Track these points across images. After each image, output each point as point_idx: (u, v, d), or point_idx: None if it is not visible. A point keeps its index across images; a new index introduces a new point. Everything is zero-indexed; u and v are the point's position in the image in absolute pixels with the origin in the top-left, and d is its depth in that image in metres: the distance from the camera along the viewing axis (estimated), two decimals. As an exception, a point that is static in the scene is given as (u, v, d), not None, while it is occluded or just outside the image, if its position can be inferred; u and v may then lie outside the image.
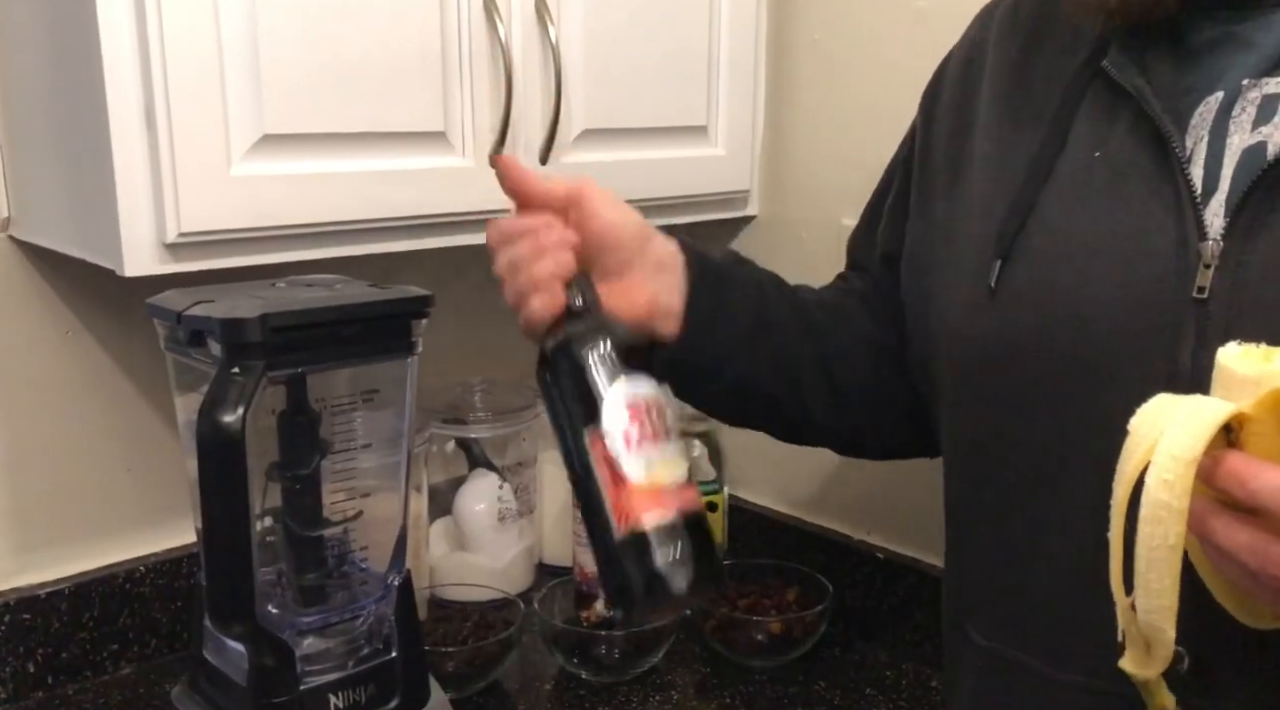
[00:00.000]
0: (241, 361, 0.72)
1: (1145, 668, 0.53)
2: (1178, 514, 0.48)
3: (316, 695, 0.80)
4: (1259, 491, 0.47)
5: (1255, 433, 0.48)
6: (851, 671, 1.16)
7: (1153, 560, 0.49)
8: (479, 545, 1.27)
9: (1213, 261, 0.59)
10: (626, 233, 0.74)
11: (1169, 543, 0.48)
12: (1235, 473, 0.48)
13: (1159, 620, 0.50)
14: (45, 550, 1.10)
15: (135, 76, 0.83)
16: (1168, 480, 0.47)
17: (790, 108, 1.28)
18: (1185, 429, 0.48)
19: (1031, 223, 0.67)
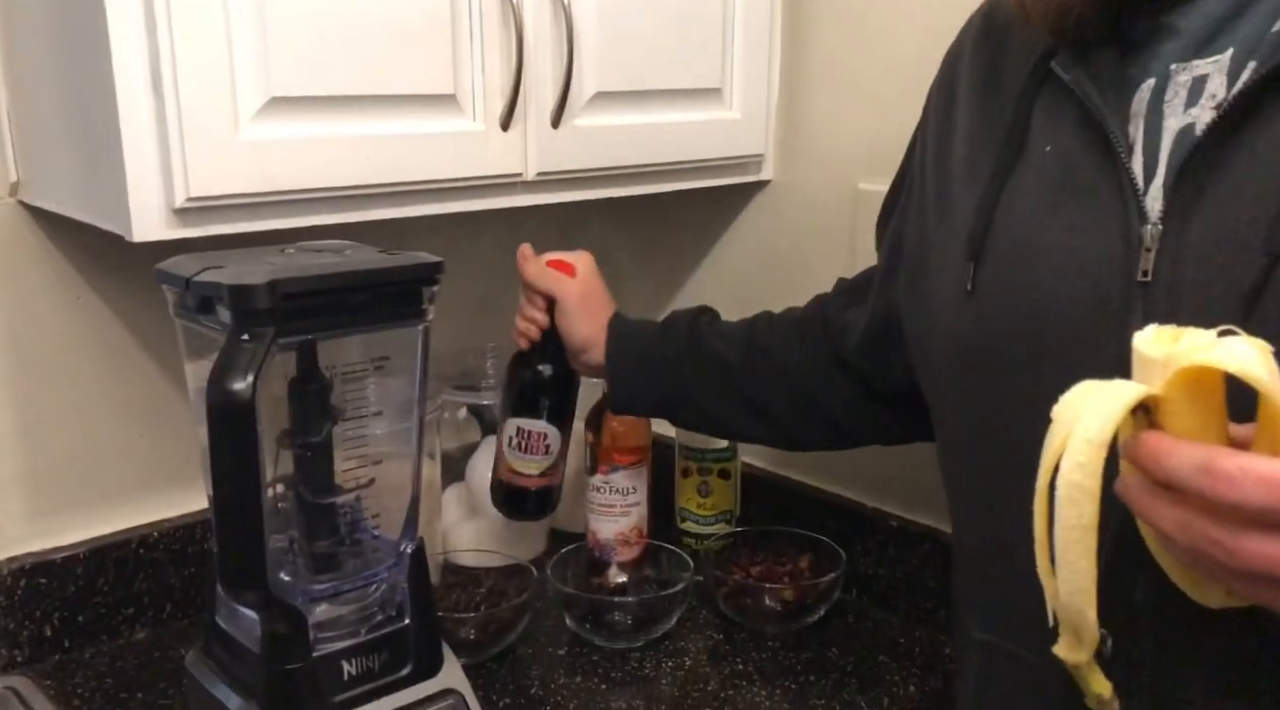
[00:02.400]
0: (251, 328, 0.72)
1: (1076, 652, 0.54)
2: (1090, 495, 0.49)
3: (329, 662, 0.80)
4: (1173, 469, 0.48)
5: (1170, 412, 0.49)
6: (865, 638, 1.16)
7: (1069, 541, 0.50)
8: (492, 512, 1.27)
9: (1153, 245, 0.60)
10: (571, 341, 1.05)
11: (1083, 523, 0.49)
12: (1151, 452, 0.49)
13: (1079, 601, 0.51)
14: (60, 515, 1.10)
15: (141, 40, 0.82)
16: (1080, 463, 0.48)
17: (806, 70, 1.26)
18: (1097, 413, 0.49)
19: (996, 222, 0.70)
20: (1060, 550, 0.51)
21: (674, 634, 1.16)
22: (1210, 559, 0.49)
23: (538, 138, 1.05)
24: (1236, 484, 0.46)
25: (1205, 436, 0.49)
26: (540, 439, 1.10)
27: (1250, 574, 0.48)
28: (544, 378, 1.10)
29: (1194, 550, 0.49)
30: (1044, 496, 0.51)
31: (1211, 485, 0.46)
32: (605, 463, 1.21)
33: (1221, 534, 0.47)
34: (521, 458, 1.12)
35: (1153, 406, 0.49)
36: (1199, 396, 0.49)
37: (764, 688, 1.07)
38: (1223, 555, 0.48)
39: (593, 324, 1.03)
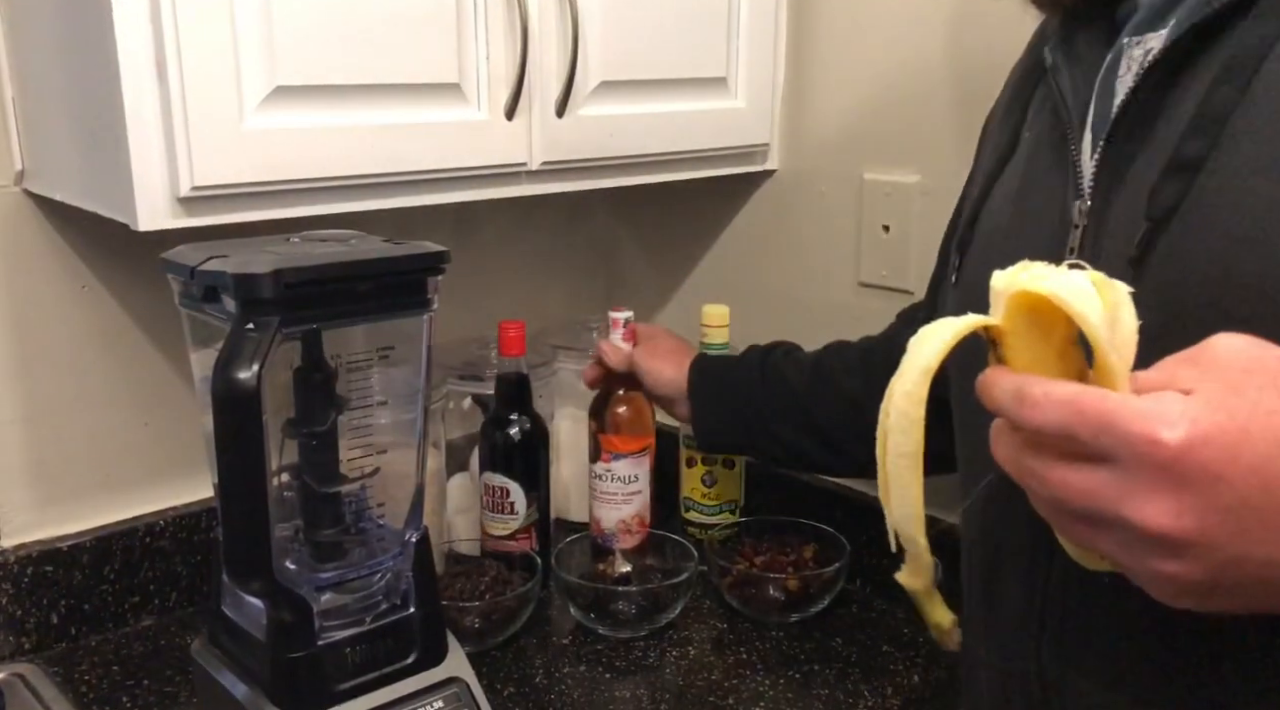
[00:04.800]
0: (256, 317, 0.72)
1: (914, 579, 0.55)
2: (914, 422, 0.49)
3: (334, 650, 0.80)
4: (996, 398, 0.47)
5: (1011, 346, 0.48)
6: (869, 628, 1.16)
7: (899, 468, 0.50)
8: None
9: (1081, 221, 0.60)
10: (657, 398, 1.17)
11: (909, 449, 0.50)
12: (983, 384, 0.48)
13: (910, 527, 0.52)
14: (66, 503, 1.11)
15: (146, 28, 0.82)
16: (908, 390, 0.49)
17: (812, 59, 1.26)
18: (930, 342, 0.49)
19: (983, 214, 0.70)
20: (892, 477, 0.51)
21: (678, 623, 1.16)
22: (1035, 496, 0.48)
23: (542, 127, 1.05)
24: (1039, 407, 0.45)
25: (1046, 372, 0.47)
26: (504, 496, 1.20)
27: (1062, 507, 0.46)
28: (513, 438, 1.19)
29: (1021, 483, 0.48)
30: (884, 422, 0.51)
31: (1019, 409, 0.46)
32: (607, 450, 1.21)
33: (1037, 463, 0.46)
34: (491, 518, 1.22)
35: (999, 341, 0.49)
36: (1037, 329, 0.47)
37: (768, 677, 1.07)
38: (1039, 487, 0.47)
39: (675, 367, 1.11)
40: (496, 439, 1.19)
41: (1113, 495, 0.44)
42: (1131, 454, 0.43)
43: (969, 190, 0.83)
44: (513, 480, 1.18)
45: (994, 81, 1.08)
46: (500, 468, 1.19)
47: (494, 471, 1.19)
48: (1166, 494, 0.42)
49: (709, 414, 1.09)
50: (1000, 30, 1.08)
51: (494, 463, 1.19)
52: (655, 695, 1.03)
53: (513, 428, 1.18)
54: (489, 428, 1.20)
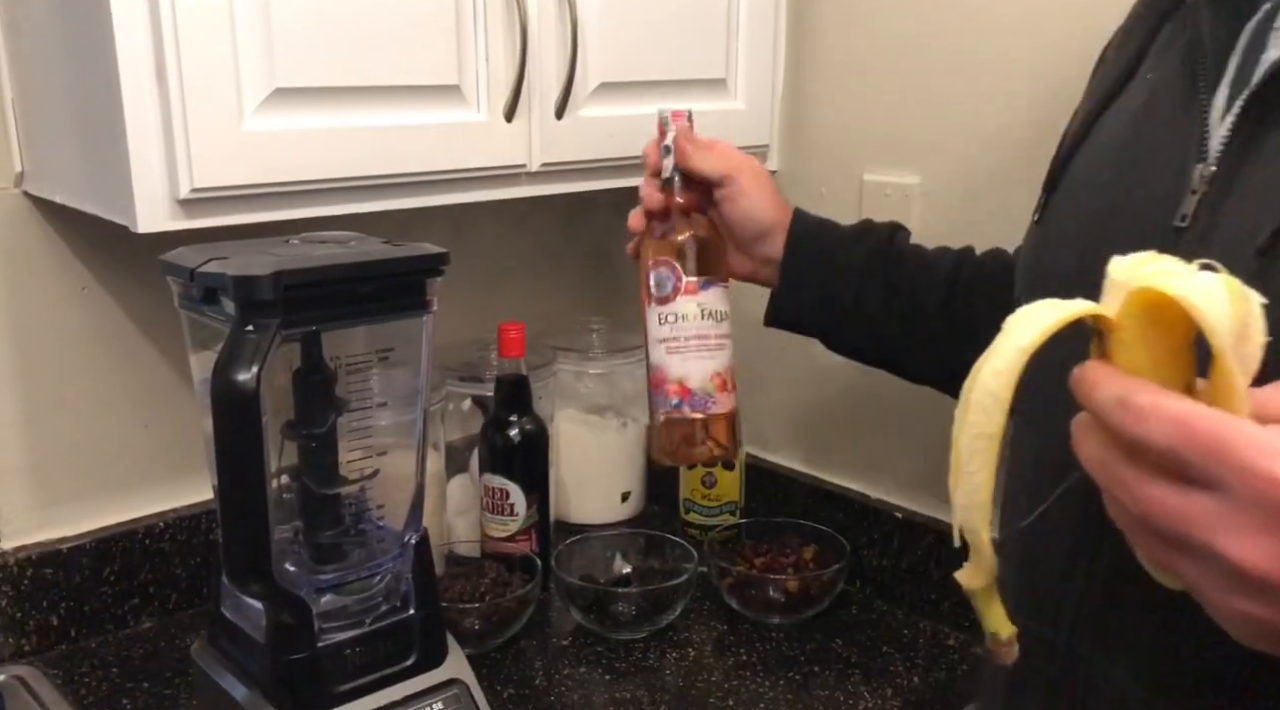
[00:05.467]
0: (255, 319, 0.72)
1: (974, 578, 0.49)
2: (1000, 403, 0.45)
3: (334, 652, 0.80)
4: (1098, 400, 0.43)
5: (1121, 341, 0.44)
6: (869, 630, 1.16)
7: (973, 450, 0.46)
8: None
9: (1200, 187, 0.55)
10: (749, 227, 0.91)
11: (989, 432, 0.45)
12: (1085, 380, 0.44)
13: (972, 518, 0.47)
14: (66, 506, 1.11)
15: (145, 30, 0.82)
16: (999, 369, 0.45)
17: (811, 59, 1.26)
18: (1032, 322, 0.45)
19: (1080, 152, 0.65)
20: (964, 459, 0.47)
21: (678, 625, 1.16)
22: (1118, 505, 0.45)
23: (542, 128, 1.05)
24: (1144, 419, 0.41)
25: (1155, 376, 0.43)
26: (504, 497, 1.17)
27: (1147, 524, 0.43)
28: (512, 440, 1.17)
29: (1108, 492, 0.45)
30: (966, 399, 0.47)
31: (1122, 418, 0.42)
32: (695, 276, 0.88)
33: (1130, 475, 0.43)
34: (491, 520, 1.19)
35: (1106, 333, 0.45)
36: (1154, 329, 0.44)
37: (768, 679, 1.07)
38: (1128, 499, 0.43)
39: (777, 206, 0.91)
40: (496, 440, 1.19)
41: (1210, 525, 0.41)
42: (1243, 486, 0.40)
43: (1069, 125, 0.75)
44: (512, 482, 1.18)
45: (994, 81, 1.09)
46: (500, 469, 1.19)
47: (494, 473, 1.19)
48: (1272, 535, 0.39)
49: (802, 281, 0.90)
50: (1001, 30, 1.08)
51: (494, 464, 1.19)
52: (655, 697, 1.03)
53: (512, 429, 1.18)
54: (489, 429, 1.20)
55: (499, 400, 1.19)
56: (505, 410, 1.19)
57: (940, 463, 0.84)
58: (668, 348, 0.87)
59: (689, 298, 0.87)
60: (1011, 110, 1.08)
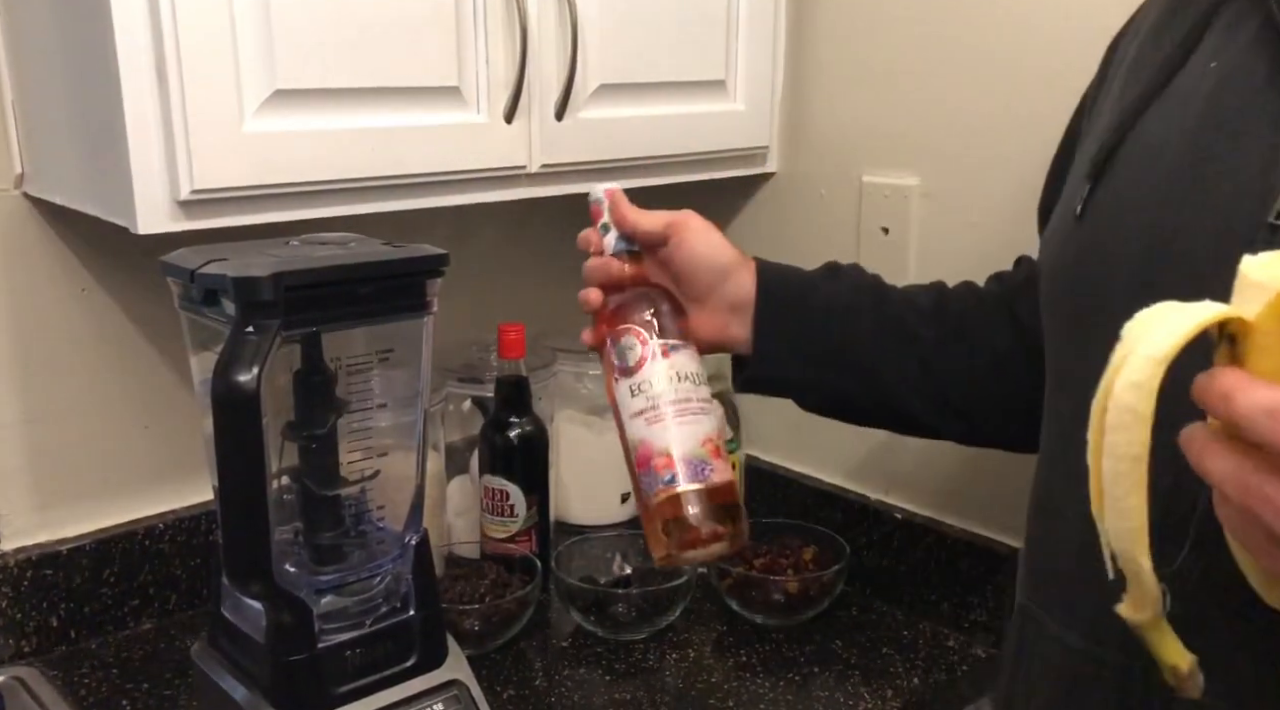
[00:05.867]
0: (256, 320, 0.72)
1: (1139, 610, 0.46)
2: (1141, 419, 0.42)
3: (334, 653, 0.80)
4: (1240, 408, 0.40)
5: (1259, 345, 0.41)
6: (869, 631, 1.16)
7: (1117, 473, 0.43)
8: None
9: None
10: (705, 268, 0.82)
11: (1133, 452, 0.42)
12: (1222, 388, 0.41)
13: (1128, 545, 0.44)
14: (66, 507, 1.11)
15: (145, 31, 0.82)
16: (1135, 382, 0.41)
17: (811, 61, 1.26)
18: (1165, 329, 0.41)
19: (1128, 142, 0.62)
20: (1108, 484, 0.43)
21: (678, 626, 1.16)
22: (1259, 521, 0.41)
23: (541, 130, 1.05)
24: None
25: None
26: (504, 498, 1.16)
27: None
28: (512, 441, 1.16)
29: (1244, 508, 0.41)
30: (1099, 420, 0.43)
31: (1274, 429, 0.39)
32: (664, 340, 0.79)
33: (1274, 488, 0.40)
34: (491, 520, 1.18)
35: (1241, 337, 0.42)
36: None
37: (767, 680, 1.07)
38: (1272, 515, 0.40)
39: (729, 246, 0.83)
40: (496, 441, 1.19)
41: None
42: None
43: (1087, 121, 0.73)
44: (512, 483, 1.18)
45: (994, 82, 1.09)
46: (500, 470, 1.19)
47: (494, 474, 1.19)
48: None
49: (778, 332, 0.81)
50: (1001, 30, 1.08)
51: (494, 465, 1.19)
52: (655, 698, 1.03)
53: (512, 430, 1.18)
54: (489, 430, 1.20)
55: (499, 401, 1.20)
56: (505, 411, 1.19)
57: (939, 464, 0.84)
58: (646, 419, 0.75)
59: (660, 361, 0.77)
60: (1011, 111, 1.08)
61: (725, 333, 0.83)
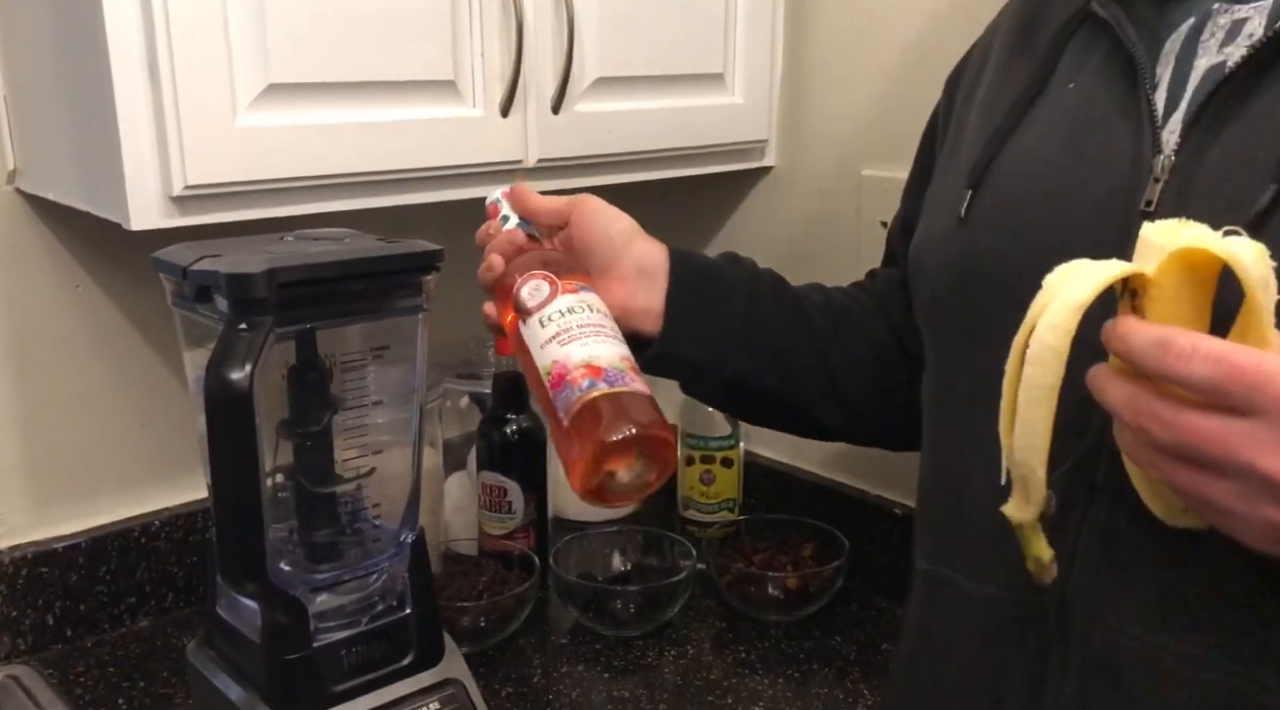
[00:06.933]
0: (249, 317, 0.71)
1: (1023, 511, 0.56)
2: (1057, 356, 0.50)
3: (330, 652, 0.79)
4: (1133, 344, 0.49)
5: (1154, 297, 0.50)
6: (868, 627, 1.16)
7: (1031, 399, 0.52)
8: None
9: (1162, 176, 0.60)
10: (609, 235, 0.81)
11: (1047, 383, 0.51)
12: (1121, 330, 0.50)
13: (1031, 458, 0.53)
14: (61, 505, 1.10)
15: (137, 25, 0.82)
16: (1055, 324, 0.50)
17: (810, 54, 1.25)
18: (1081, 280, 0.50)
19: (1003, 154, 0.70)
20: (1021, 407, 0.53)
21: (677, 622, 1.15)
22: (1148, 436, 0.50)
23: (538, 124, 1.04)
24: (1186, 358, 0.47)
25: (1186, 327, 0.49)
26: (501, 495, 1.17)
27: (1181, 451, 0.49)
28: (510, 437, 1.16)
29: (1135, 426, 0.50)
30: (1017, 355, 0.53)
31: (1162, 358, 0.48)
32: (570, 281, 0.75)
33: (1164, 408, 0.49)
34: (489, 517, 1.19)
35: (1140, 291, 0.51)
36: (1187, 285, 0.50)
37: (766, 676, 1.06)
38: (1159, 429, 0.49)
39: (630, 220, 0.83)
40: (494, 438, 1.19)
41: (1248, 444, 0.47)
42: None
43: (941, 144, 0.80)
44: (510, 479, 1.18)
45: (992, 77, 1.08)
46: (498, 467, 1.18)
47: (491, 470, 1.19)
48: None
49: (689, 308, 0.81)
50: (999, 25, 1.07)
51: (491, 462, 1.19)
52: (654, 695, 1.03)
53: (510, 427, 1.18)
54: (486, 427, 1.19)
55: (497, 397, 1.19)
56: (503, 408, 1.18)
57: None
58: (559, 341, 0.71)
59: (568, 295, 0.74)
60: (1011, 104, 1.07)
61: (633, 301, 0.80)
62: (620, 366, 0.70)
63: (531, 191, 0.83)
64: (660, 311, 0.80)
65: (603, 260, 0.80)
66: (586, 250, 0.81)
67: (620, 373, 0.69)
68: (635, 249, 0.81)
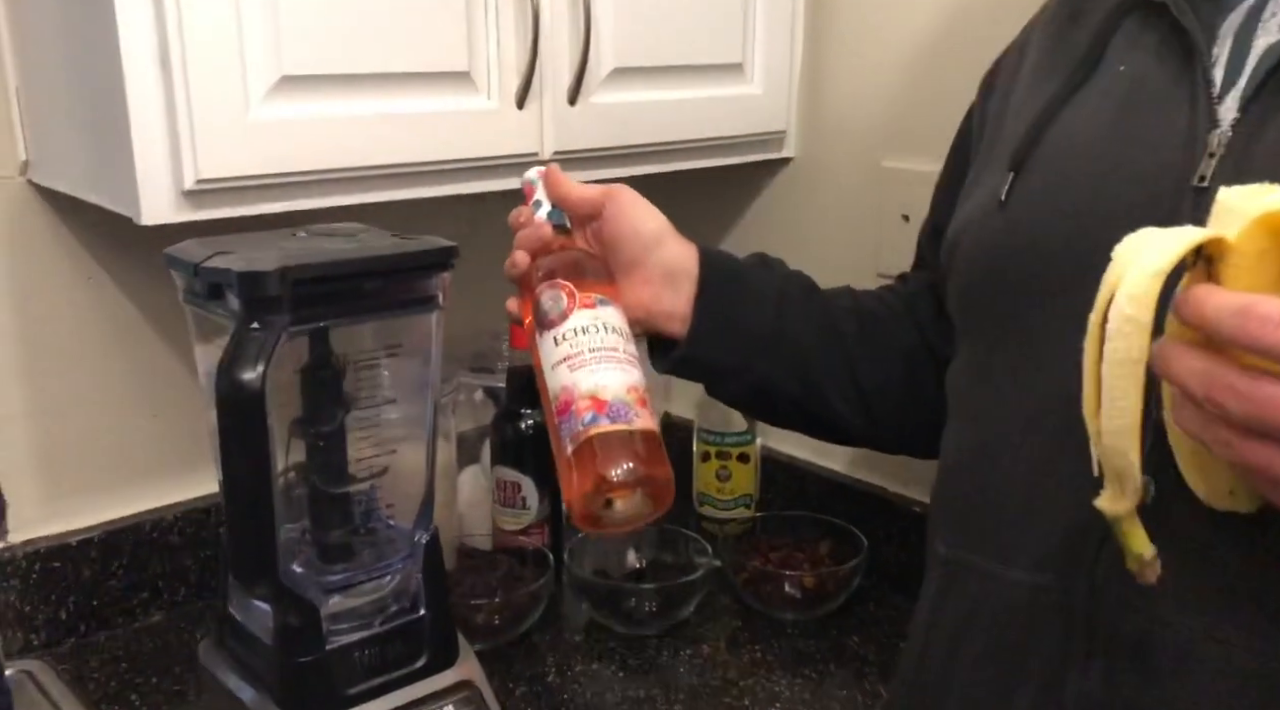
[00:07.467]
0: (261, 316, 0.70)
1: (1117, 502, 0.52)
2: (1141, 327, 0.47)
3: (343, 654, 0.79)
4: (1210, 313, 0.46)
5: (1234, 264, 0.47)
6: (886, 626, 1.14)
7: (1116, 376, 0.48)
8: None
9: (1218, 151, 0.59)
10: (639, 232, 0.79)
11: (1132, 356, 0.48)
12: (1194, 299, 0.46)
13: (1122, 442, 0.49)
14: (74, 498, 1.10)
15: (148, 16, 0.80)
16: (1134, 295, 0.47)
17: (830, 44, 1.23)
18: (1158, 248, 0.47)
19: (1047, 137, 0.68)
20: (1107, 386, 0.49)
21: (692, 620, 1.14)
22: (1221, 409, 0.46)
23: (554, 116, 1.03)
24: (1271, 326, 0.44)
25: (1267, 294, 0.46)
26: (516, 491, 1.16)
27: (1257, 424, 0.46)
28: (524, 432, 1.14)
29: (1208, 399, 0.46)
30: (1096, 332, 0.49)
31: (1243, 325, 0.44)
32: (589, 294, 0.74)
33: (1241, 380, 0.45)
34: (503, 512, 1.18)
35: (1217, 258, 0.47)
36: (1271, 253, 0.46)
37: (783, 676, 1.05)
38: (1234, 401, 0.45)
39: (660, 216, 0.81)
40: (508, 433, 1.17)
41: None
42: None
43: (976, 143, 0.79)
44: (525, 474, 1.17)
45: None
46: (512, 462, 1.17)
47: (505, 465, 1.18)
48: None
49: (719, 312, 0.79)
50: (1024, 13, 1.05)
51: (505, 457, 1.18)
52: (669, 695, 1.02)
53: (524, 422, 1.16)
54: (500, 421, 1.18)
55: (511, 392, 1.18)
56: (517, 402, 1.17)
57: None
58: (569, 365, 0.71)
59: (585, 311, 0.73)
60: (1037, 96, 1.05)
61: (656, 304, 0.79)
62: (626, 400, 0.69)
63: (566, 178, 0.81)
64: (685, 315, 0.79)
65: (630, 259, 0.79)
66: (615, 247, 0.79)
67: (626, 407, 0.68)
68: (664, 250, 0.80)
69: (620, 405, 0.68)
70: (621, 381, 0.70)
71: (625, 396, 0.69)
